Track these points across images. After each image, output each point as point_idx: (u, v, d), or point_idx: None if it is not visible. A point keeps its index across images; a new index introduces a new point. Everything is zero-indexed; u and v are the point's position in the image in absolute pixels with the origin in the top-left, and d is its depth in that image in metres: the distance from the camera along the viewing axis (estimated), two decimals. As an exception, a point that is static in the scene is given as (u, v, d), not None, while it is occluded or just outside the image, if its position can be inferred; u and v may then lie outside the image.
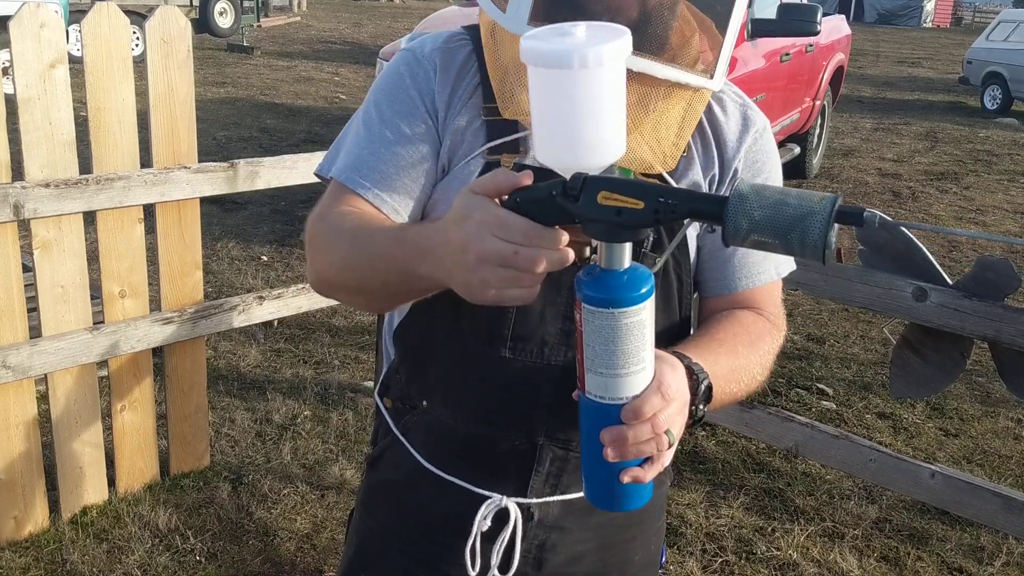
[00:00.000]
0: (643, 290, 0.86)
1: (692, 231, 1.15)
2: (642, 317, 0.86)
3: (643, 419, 0.88)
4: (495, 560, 1.15)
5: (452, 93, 1.11)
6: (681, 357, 0.98)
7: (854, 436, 2.63)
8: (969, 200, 7.59)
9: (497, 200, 0.86)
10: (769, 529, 2.85)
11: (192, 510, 2.75)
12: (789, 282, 1.33)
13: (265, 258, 5.05)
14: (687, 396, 0.95)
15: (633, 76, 1.00)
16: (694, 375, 0.97)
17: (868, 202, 7.12)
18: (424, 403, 1.20)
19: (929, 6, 35.80)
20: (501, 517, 1.15)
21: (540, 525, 1.18)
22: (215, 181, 2.70)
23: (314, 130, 8.54)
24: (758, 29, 5.50)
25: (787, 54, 6.21)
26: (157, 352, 2.79)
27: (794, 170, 7.41)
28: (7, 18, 2.49)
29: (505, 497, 1.15)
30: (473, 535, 1.15)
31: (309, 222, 1.14)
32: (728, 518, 2.89)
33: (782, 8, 5.77)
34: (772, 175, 1.19)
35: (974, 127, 11.70)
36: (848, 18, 10.48)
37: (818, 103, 7.31)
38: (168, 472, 2.89)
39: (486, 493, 1.16)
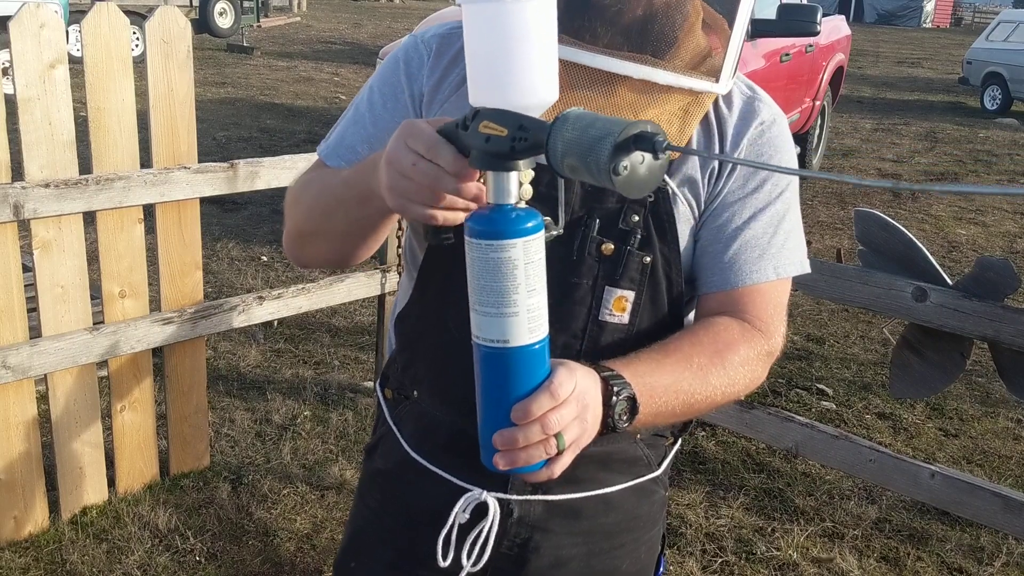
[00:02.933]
0: (518, 227, 0.85)
1: (685, 226, 1.10)
2: (511, 255, 0.85)
3: (530, 418, 0.87)
4: (467, 553, 1.12)
5: (442, 79, 1.14)
6: (599, 368, 0.96)
7: (854, 436, 2.63)
8: (969, 200, 7.59)
9: None
10: (769, 529, 2.85)
11: (192, 510, 2.75)
12: (786, 282, 1.30)
13: (265, 258, 5.05)
14: (589, 402, 0.91)
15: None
16: (609, 385, 0.94)
17: (868, 202, 7.13)
18: (415, 393, 1.21)
19: (929, 6, 35.82)
20: (481, 511, 1.14)
21: (522, 523, 1.18)
22: (215, 181, 2.70)
23: (314, 130, 8.54)
24: (758, 29, 5.50)
25: (787, 54, 6.21)
26: (157, 352, 2.79)
27: (794, 170, 7.40)
28: (7, 18, 2.49)
29: (485, 491, 1.14)
30: (448, 526, 1.14)
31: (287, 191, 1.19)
32: (728, 518, 2.89)
33: (782, 8, 5.77)
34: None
35: (974, 127, 11.70)
36: (848, 18, 10.49)
37: (818, 103, 7.31)
38: (168, 472, 2.89)
39: (467, 486, 1.16)
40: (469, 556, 1.12)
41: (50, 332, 2.47)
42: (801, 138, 7.33)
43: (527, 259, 0.86)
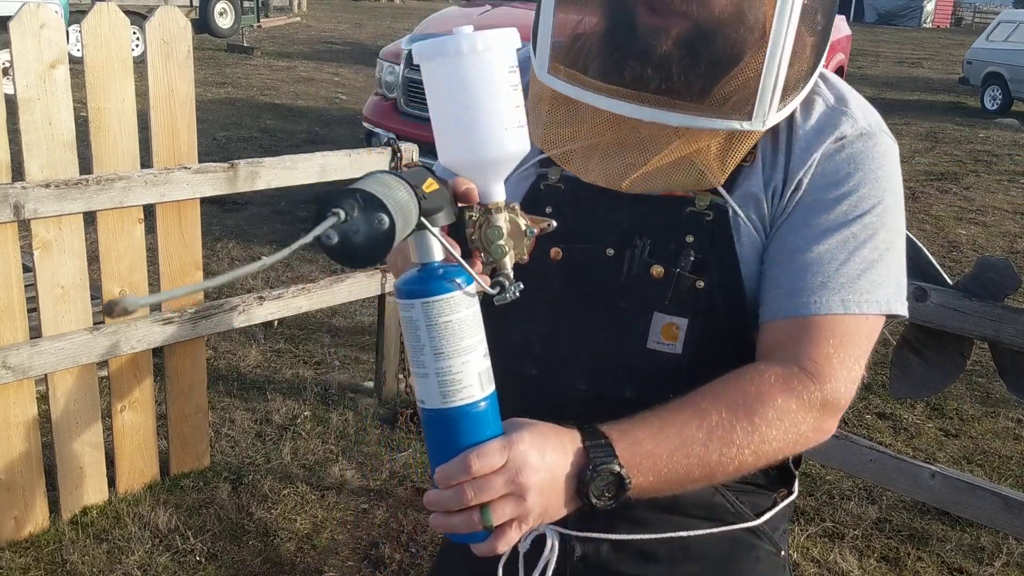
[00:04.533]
0: (414, 287, 0.84)
1: (751, 249, 1.00)
2: (410, 315, 0.84)
3: (445, 484, 0.83)
4: None
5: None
6: (588, 435, 0.88)
7: (854, 436, 2.63)
8: (969, 200, 7.59)
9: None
10: (769, 529, 2.85)
11: (192, 510, 2.75)
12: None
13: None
14: (541, 477, 0.83)
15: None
16: (588, 457, 0.86)
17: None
18: None
19: (929, 6, 35.82)
20: (542, 544, 1.08)
21: (587, 563, 1.10)
22: (215, 181, 2.70)
23: (314, 130, 8.54)
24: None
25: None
26: (157, 352, 2.79)
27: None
28: (7, 18, 2.49)
29: (544, 525, 1.04)
30: (506, 555, 1.08)
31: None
32: (728, 518, 2.89)
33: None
34: (862, 191, 0.98)
35: (974, 127, 11.70)
36: (848, 18, 10.48)
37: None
38: (168, 472, 2.89)
39: None
40: None
41: (50, 332, 2.47)
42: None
43: (428, 321, 0.84)
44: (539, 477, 0.83)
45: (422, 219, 0.82)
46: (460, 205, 0.90)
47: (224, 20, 14.73)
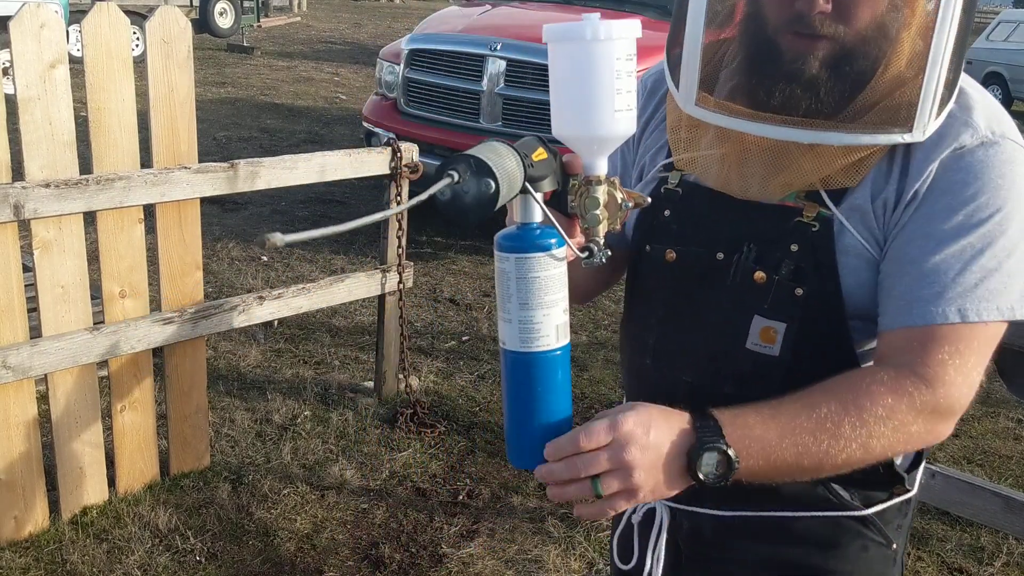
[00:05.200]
0: (511, 243, 0.96)
1: (857, 259, 1.02)
2: (503, 267, 0.96)
3: (555, 456, 0.92)
4: (651, 558, 1.19)
5: (651, 116, 1.21)
6: (698, 417, 0.94)
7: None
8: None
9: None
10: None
11: (192, 510, 2.75)
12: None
13: (265, 258, 5.05)
14: (649, 455, 0.90)
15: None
16: (698, 436, 0.92)
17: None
18: (625, 399, 1.30)
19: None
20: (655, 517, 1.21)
21: (693, 538, 1.19)
22: (215, 181, 2.70)
23: (314, 130, 8.54)
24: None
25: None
26: (157, 352, 2.79)
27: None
28: (7, 18, 2.48)
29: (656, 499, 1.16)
30: (622, 525, 1.23)
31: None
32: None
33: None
34: (980, 200, 0.97)
35: (974, 127, 11.69)
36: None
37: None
38: (168, 472, 2.89)
39: None
40: (631, 558, 1.20)
41: (50, 332, 2.47)
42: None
43: (518, 274, 0.95)
44: (646, 455, 0.90)
45: (526, 184, 0.93)
46: (567, 174, 1.01)
47: (224, 20, 14.73)
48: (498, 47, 5.08)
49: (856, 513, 1.13)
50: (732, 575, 1.18)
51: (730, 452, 0.91)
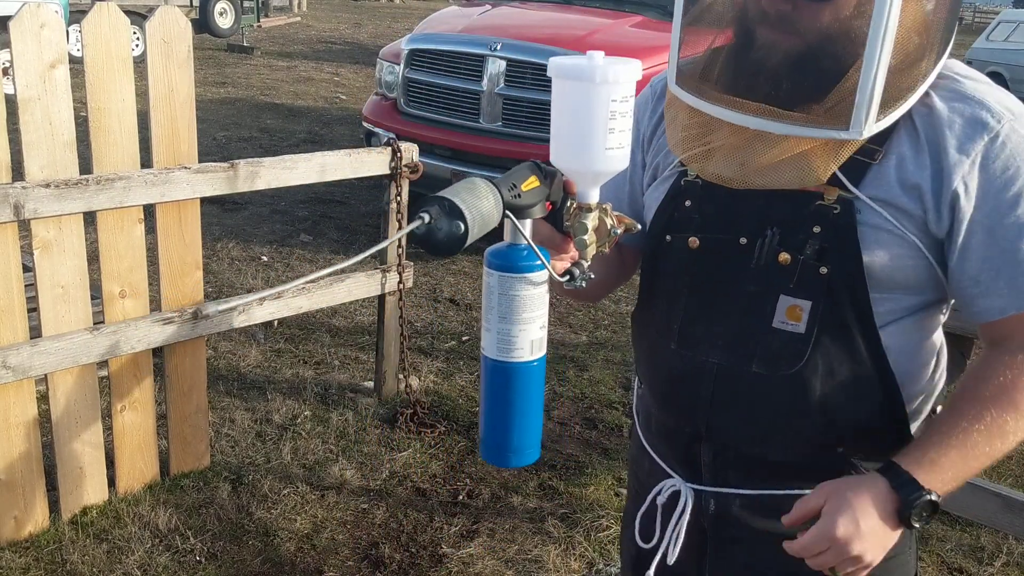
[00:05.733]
0: (496, 261, 1.05)
1: (875, 238, 1.08)
2: (489, 281, 1.06)
3: (806, 554, 1.04)
4: (669, 537, 1.26)
5: (661, 119, 1.27)
6: (892, 476, 1.03)
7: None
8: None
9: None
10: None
11: (192, 510, 2.75)
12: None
13: (265, 258, 5.05)
14: (863, 532, 1.01)
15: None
16: (901, 498, 1.02)
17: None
18: (642, 385, 1.36)
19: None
20: (679, 500, 1.27)
21: (720, 517, 1.24)
22: (215, 181, 2.70)
23: (314, 130, 8.54)
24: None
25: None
26: (157, 352, 2.79)
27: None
28: (7, 18, 2.49)
29: (681, 480, 1.26)
30: (645, 506, 1.30)
31: None
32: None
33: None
34: None
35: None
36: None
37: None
38: (168, 472, 2.89)
39: (671, 473, 1.29)
40: (657, 538, 1.26)
41: (50, 332, 2.47)
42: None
43: (500, 290, 1.05)
44: (864, 542, 1.01)
45: (508, 213, 1.02)
46: (567, 193, 1.11)
47: (224, 20, 14.73)
48: (498, 47, 5.08)
49: None
50: (756, 554, 1.22)
51: (933, 497, 1.02)
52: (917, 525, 1.02)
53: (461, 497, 2.93)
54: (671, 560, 1.26)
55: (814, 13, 1.04)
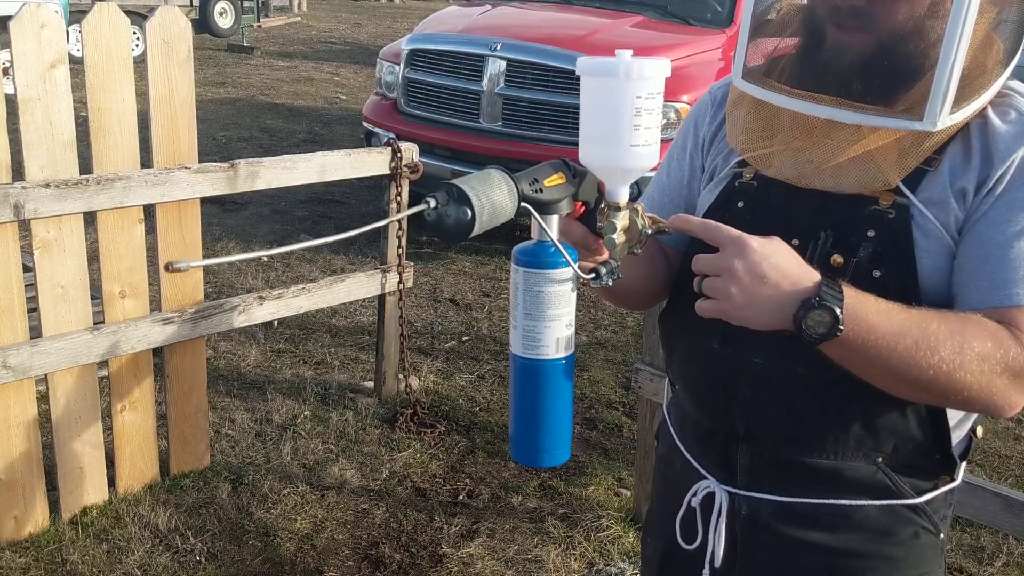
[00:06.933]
0: (522, 258, 1.06)
1: (935, 242, 1.07)
2: (514, 277, 1.07)
3: (699, 264, 1.01)
4: (711, 540, 1.24)
5: (721, 125, 1.28)
6: (829, 278, 1.00)
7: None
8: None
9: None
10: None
11: (192, 510, 2.75)
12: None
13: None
14: (764, 277, 0.97)
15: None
16: (819, 289, 0.97)
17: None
18: (676, 387, 1.34)
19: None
20: (713, 502, 1.25)
21: (752, 522, 1.22)
22: (215, 181, 2.70)
23: (314, 130, 8.54)
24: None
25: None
26: (157, 352, 2.79)
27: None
28: (7, 18, 2.49)
29: (714, 482, 1.24)
30: (683, 509, 1.28)
31: None
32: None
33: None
34: None
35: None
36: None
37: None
38: (168, 472, 2.89)
39: (705, 475, 1.26)
40: (695, 538, 1.25)
41: (50, 332, 2.48)
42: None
43: (524, 286, 1.05)
44: (769, 281, 0.97)
45: (528, 207, 1.02)
46: (601, 193, 1.10)
47: (224, 20, 14.73)
48: (498, 47, 5.08)
49: (911, 501, 1.17)
50: (784, 561, 1.21)
51: (840, 316, 0.96)
52: (804, 326, 0.97)
53: (461, 497, 2.93)
54: (718, 563, 1.24)
55: (889, 7, 1.04)
